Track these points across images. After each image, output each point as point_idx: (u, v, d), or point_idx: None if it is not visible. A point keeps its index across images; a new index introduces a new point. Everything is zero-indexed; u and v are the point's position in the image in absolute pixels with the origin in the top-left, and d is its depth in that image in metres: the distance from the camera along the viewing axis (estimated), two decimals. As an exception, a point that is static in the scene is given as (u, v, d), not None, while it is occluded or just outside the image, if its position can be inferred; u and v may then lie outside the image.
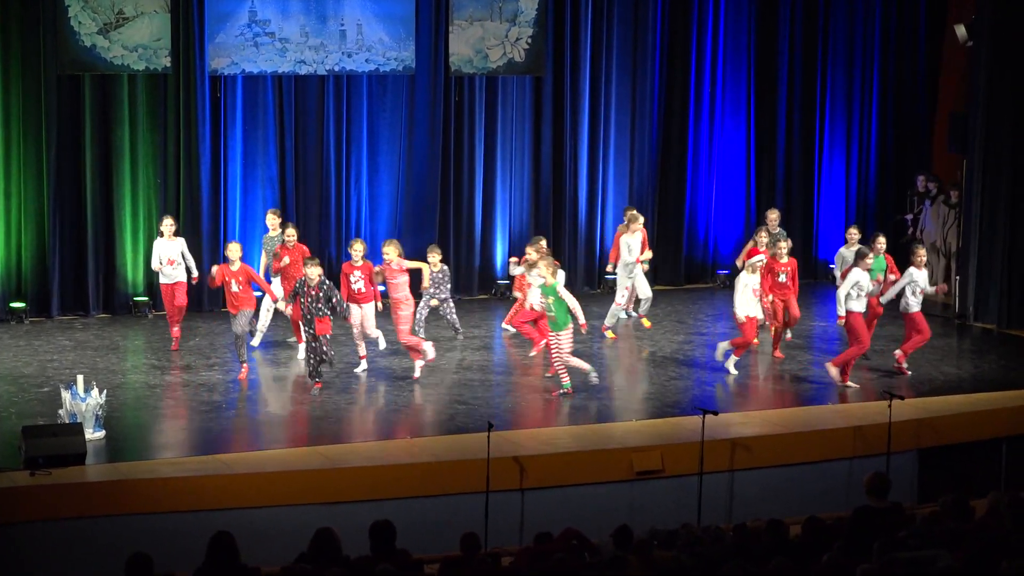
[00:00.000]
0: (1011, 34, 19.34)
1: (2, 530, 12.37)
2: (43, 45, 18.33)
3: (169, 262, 16.08)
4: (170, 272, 16.25)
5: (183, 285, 16.46)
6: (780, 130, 22.48)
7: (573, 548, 10.83)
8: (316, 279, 14.97)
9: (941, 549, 9.84)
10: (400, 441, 14.23)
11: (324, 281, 15.07)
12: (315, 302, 14.88)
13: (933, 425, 15.27)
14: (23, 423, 13.62)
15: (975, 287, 19.36)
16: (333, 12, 19.69)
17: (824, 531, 10.95)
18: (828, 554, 9.55)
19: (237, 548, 9.84)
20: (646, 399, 15.93)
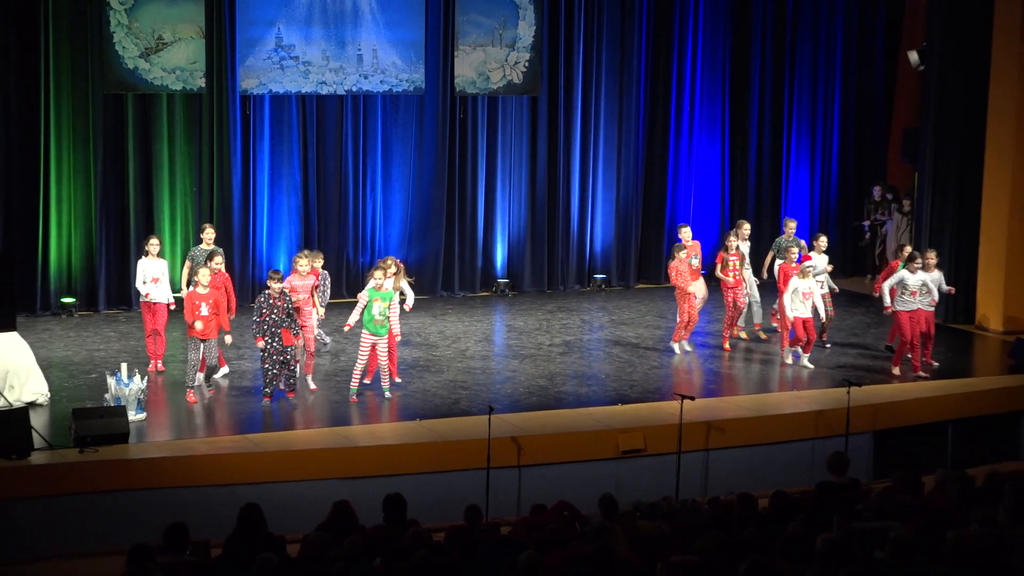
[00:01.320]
0: (956, 59, 19.40)
1: (54, 500, 12.45)
2: (91, 67, 18.33)
3: (153, 280, 15.44)
4: (153, 290, 15.44)
5: (163, 306, 15.53)
6: (751, 144, 22.47)
7: (565, 519, 10.86)
8: (278, 293, 14.43)
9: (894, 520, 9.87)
10: (410, 423, 14.26)
11: (286, 295, 14.52)
12: (280, 314, 14.34)
13: (886, 410, 15.33)
14: (73, 406, 13.67)
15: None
16: (351, 38, 19.71)
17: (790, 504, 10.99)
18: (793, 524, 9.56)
19: (264, 518, 9.88)
20: (631, 386, 15.94)
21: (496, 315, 19.78)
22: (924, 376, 16.35)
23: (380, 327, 14.61)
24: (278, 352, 14.37)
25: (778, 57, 22.38)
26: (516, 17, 20.69)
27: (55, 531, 12.38)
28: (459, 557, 9.54)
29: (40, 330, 17.29)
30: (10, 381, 13.88)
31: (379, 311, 14.58)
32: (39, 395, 14.31)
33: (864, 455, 14.74)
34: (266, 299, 14.43)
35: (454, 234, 20.75)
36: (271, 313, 14.35)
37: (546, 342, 17.98)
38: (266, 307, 14.36)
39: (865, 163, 23.04)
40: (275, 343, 14.35)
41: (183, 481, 12.71)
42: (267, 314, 14.35)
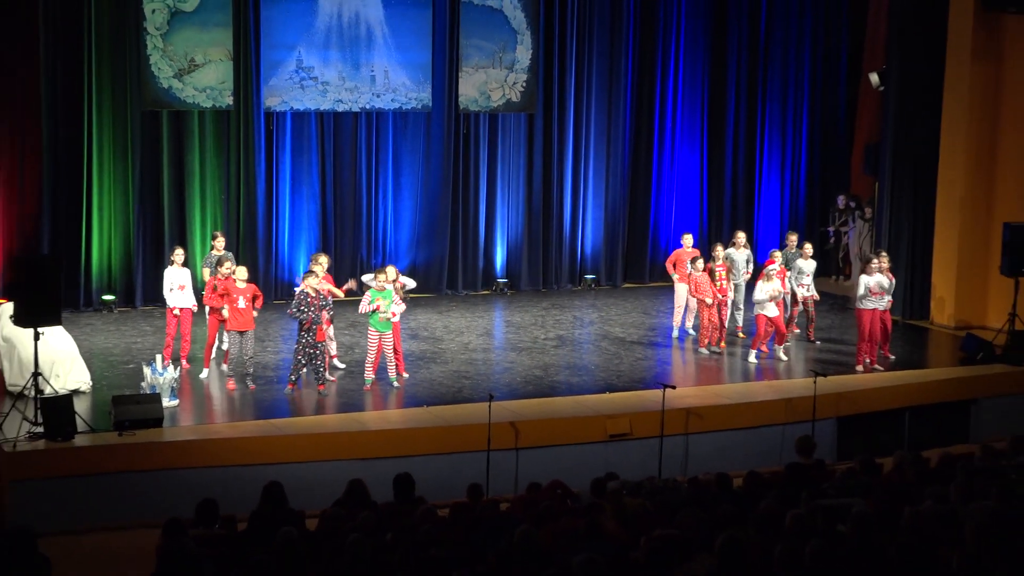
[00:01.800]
0: (913, 81, 19.43)
1: (96, 478, 12.47)
2: (129, 87, 18.32)
3: (179, 287, 15.38)
4: (180, 297, 15.39)
5: (188, 311, 15.46)
6: (727, 156, 22.48)
7: (558, 496, 10.87)
8: (314, 291, 14.38)
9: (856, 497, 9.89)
10: (417, 409, 14.26)
11: (320, 293, 14.45)
12: (316, 311, 14.28)
13: (849, 398, 15.34)
14: (113, 393, 13.71)
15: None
16: (365, 60, 19.72)
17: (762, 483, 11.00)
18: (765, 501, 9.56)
19: (285, 495, 9.90)
20: (619, 375, 15.95)
21: (496, 312, 19.79)
22: (881, 368, 16.38)
23: (384, 324, 14.65)
24: (311, 345, 14.37)
25: (751, 77, 22.39)
26: (514, 42, 20.71)
27: (97, 506, 12.40)
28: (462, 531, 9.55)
29: (83, 324, 17.28)
30: (56, 370, 13.90)
31: (384, 310, 14.63)
32: (82, 383, 14.34)
33: (829, 439, 14.75)
34: (304, 297, 14.38)
35: (458, 238, 20.74)
36: (308, 310, 14.31)
37: (541, 336, 17.99)
38: (304, 304, 14.32)
39: (830, 174, 23.04)
40: (309, 337, 14.35)
41: (212, 461, 12.73)
42: (305, 311, 14.30)
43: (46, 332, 13.35)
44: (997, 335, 17.44)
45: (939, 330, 19.09)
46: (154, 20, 18.52)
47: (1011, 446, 12.32)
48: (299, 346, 14.39)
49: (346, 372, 15.49)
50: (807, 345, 17.55)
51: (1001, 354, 17.04)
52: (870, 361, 16.35)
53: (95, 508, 12.37)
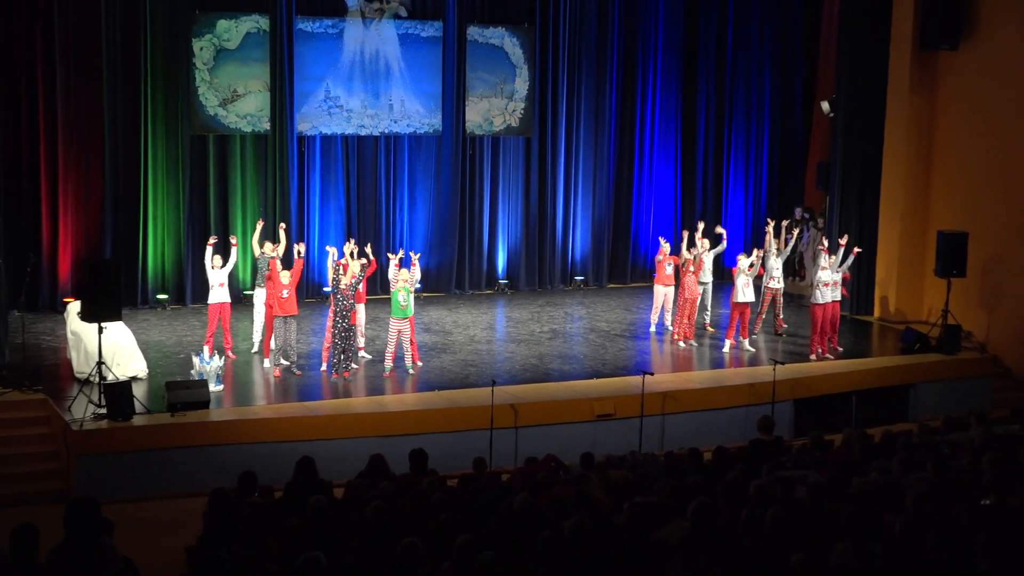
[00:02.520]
0: (859, 109, 19.45)
1: (150, 453, 12.50)
2: (180, 114, 18.32)
3: (220, 285, 15.29)
4: (219, 294, 15.26)
5: (228, 304, 15.37)
6: (698, 173, 22.44)
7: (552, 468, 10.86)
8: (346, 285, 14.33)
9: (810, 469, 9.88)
10: (429, 393, 14.27)
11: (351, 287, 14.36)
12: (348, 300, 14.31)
13: (804, 383, 15.36)
14: (166, 379, 13.71)
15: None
16: (384, 91, 19.72)
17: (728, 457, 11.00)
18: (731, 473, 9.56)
19: (316, 468, 9.90)
20: (604, 363, 15.94)
21: (497, 308, 19.78)
22: (831, 357, 16.37)
23: (405, 311, 14.66)
24: (345, 329, 14.35)
25: (719, 104, 22.36)
26: (514, 75, 20.70)
27: (152, 477, 12.44)
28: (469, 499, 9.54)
29: (140, 320, 17.27)
30: (116, 360, 13.91)
31: (403, 298, 14.65)
32: (139, 371, 14.35)
33: (786, 419, 14.78)
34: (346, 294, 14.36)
35: (464, 244, 20.71)
36: (343, 300, 14.30)
37: (537, 330, 17.98)
38: (340, 296, 14.30)
39: (788, 188, 23.02)
40: (344, 322, 14.33)
41: (252, 438, 12.75)
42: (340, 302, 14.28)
43: (108, 327, 13.36)
44: (932, 328, 17.45)
45: (881, 324, 19.11)
46: (202, 56, 18.54)
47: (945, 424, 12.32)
48: (335, 331, 14.37)
49: (368, 361, 15.47)
50: (768, 338, 17.53)
51: (935, 345, 17.07)
52: (822, 351, 16.37)
53: (150, 479, 12.42)
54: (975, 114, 18.45)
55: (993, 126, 18.15)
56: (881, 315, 19.43)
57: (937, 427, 12.36)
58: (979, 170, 18.38)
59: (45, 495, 12.16)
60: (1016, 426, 12.05)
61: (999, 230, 17.93)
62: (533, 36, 20.67)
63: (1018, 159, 17.75)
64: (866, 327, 18.91)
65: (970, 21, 18.41)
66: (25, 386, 13.89)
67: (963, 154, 18.69)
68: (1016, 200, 17.76)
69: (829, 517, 7.90)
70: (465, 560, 7.03)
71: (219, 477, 10.99)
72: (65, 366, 14.69)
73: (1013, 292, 17.82)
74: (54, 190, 17.91)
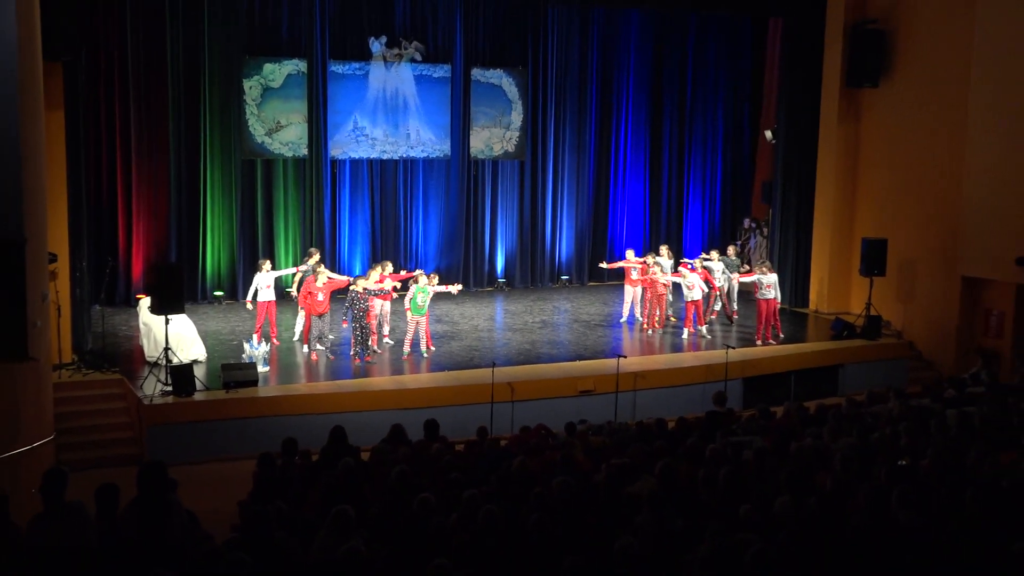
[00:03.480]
0: (796, 137, 19.45)
1: (210, 423, 12.50)
2: (233, 142, 18.28)
3: (267, 287, 15.11)
4: (266, 293, 15.07)
5: (273, 303, 15.16)
6: (663, 190, 22.39)
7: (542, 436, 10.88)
8: (361, 289, 14.41)
9: (756, 436, 9.90)
10: (440, 372, 14.24)
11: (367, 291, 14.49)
12: (363, 304, 14.39)
13: (751, 364, 15.37)
14: (221, 362, 13.69)
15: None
16: (402, 122, 19.67)
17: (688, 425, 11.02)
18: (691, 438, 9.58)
19: (346, 435, 9.90)
20: (585, 348, 15.92)
21: (497, 303, 19.75)
22: (773, 342, 16.37)
23: (421, 310, 14.71)
24: (363, 327, 14.42)
25: (680, 133, 22.31)
26: (510, 109, 20.66)
27: (210, 444, 12.42)
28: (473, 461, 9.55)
29: (200, 313, 17.22)
30: (181, 345, 13.89)
31: (421, 300, 14.67)
32: (199, 355, 14.32)
33: (737, 394, 14.76)
34: (355, 295, 14.39)
35: (469, 249, 20.66)
36: (358, 302, 14.34)
37: (530, 320, 17.96)
38: (357, 300, 14.35)
39: (738, 202, 22.99)
40: (362, 321, 14.38)
41: (293, 411, 12.73)
42: (356, 304, 14.35)
43: (173, 318, 13.36)
44: (857, 318, 17.46)
45: (815, 315, 19.10)
46: (251, 94, 18.49)
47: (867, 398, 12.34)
48: (356, 327, 14.44)
49: (390, 346, 15.46)
50: (722, 326, 17.53)
51: (860, 332, 17.08)
52: (767, 336, 16.37)
53: (208, 445, 12.40)
54: (892, 140, 18.47)
55: (907, 151, 18.17)
56: (815, 308, 19.43)
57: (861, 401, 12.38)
58: (895, 187, 18.40)
59: (122, 459, 12.14)
60: (927, 400, 12.06)
61: (912, 237, 17.95)
62: (526, 77, 20.62)
63: (927, 178, 17.77)
64: (803, 318, 18.91)
65: (888, 63, 18.43)
66: (105, 368, 13.91)
67: (882, 174, 18.71)
68: (925, 212, 17.78)
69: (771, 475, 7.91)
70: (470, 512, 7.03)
71: (265, 443, 10.99)
72: (137, 351, 14.66)
73: (924, 289, 17.84)
74: (128, 205, 17.89)
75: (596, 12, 20.98)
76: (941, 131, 17.43)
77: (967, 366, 16.47)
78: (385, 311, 15.37)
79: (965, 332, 17.22)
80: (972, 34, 16.67)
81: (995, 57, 16.32)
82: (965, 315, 17.21)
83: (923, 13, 17.81)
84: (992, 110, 16.38)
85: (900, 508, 6.66)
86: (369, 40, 19.24)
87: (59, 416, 12.03)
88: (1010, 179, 16.10)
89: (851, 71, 18.64)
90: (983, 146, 16.56)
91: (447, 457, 9.22)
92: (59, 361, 13.67)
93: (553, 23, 20.72)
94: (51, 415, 11.47)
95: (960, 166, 16.97)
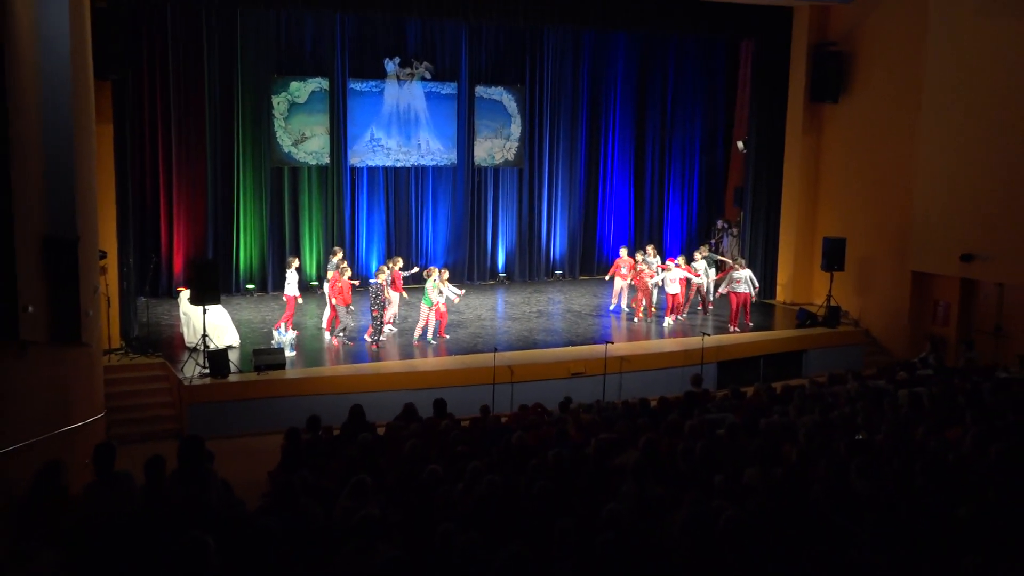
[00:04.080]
0: (764, 147, 19.43)
1: (241, 402, 12.50)
2: (263, 152, 18.26)
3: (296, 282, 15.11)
4: (294, 288, 15.02)
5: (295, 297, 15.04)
6: (646, 194, 22.34)
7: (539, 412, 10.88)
8: (381, 282, 14.42)
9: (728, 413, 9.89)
10: (449, 357, 14.24)
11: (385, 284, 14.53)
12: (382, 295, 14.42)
13: (725, 349, 15.38)
14: (253, 347, 13.68)
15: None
16: (413, 134, 19.62)
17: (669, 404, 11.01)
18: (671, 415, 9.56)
19: (364, 413, 9.90)
20: (576, 335, 15.92)
21: (498, 295, 19.74)
22: (738, 330, 16.35)
23: (431, 302, 14.71)
24: (379, 317, 14.43)
25: (662, 142, 22.26)
26: (510, 123, 20.61)
27: (242, 420, 12.43)
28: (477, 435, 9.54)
29: (234, 304, 17.23)
30: (217, 333, 13.90)
31: (434, 293, 14.70)
32: (233, 341, 14.33)
33: (712, 376, 14.79)
34: (376, 287, 14.42)
35: (473, 247, 20.63)
36: (379, 293, 14.38)
37: (527, 310, 17.96)
38: (377, 292, 14.39)
39: (713, 206, 22.95)
40: (378, 311, 14.41)
41: (317, 391, 12.75)
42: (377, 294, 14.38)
43: (210, 309, 13.36)
44: (819, 309, 17.47)
45: (782, 306, 19.10)
46: (279, 108, 18.46)
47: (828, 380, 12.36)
48: (374, 315, 14.47)
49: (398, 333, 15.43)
50: (700, 315, 17.51)
51: (822, 321, 17.09)
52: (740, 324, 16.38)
53: (241, 421, 12.42)
54: (850, 151, 18.46)
55: (863, 160, 18.17)
56: (782, 299, 19.44)
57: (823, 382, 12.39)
58: (853, 192, 18.39)
59: (165, 433, 12.18)
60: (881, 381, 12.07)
61: (868, 236, 17.95)
62: (524, 93, 20.57)
63: (881, 184, 17.76)
64: (770, 308, 18.91)
65: (847, 82, 18.42)
66: (149, 353, 13.91)
67: (841, 180, 18.70)
68: (880, 214, 17.77)
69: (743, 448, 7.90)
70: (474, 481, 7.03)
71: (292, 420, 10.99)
72: (178, 338, 14.67)
73: (879, 282, 17.84)
74: (170, 208, 17.88)
75: (587, 35, 20.93)
76: (894, 142, 17.43)
77: (917, 351, 16.49)
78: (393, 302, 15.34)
79: (915, 321, 17.24)
80: (922, 56, 16.65)
81: (943, 77, 16.30)
82: (915, 306, 17.23)
83: (878, 37, 17.79)
84: (939, 124, 16.38)
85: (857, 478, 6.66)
86: (384, 61, 19.20)
87: (108, 395, 12.04)
88: (955, 185, 16.10)
89: (814, 88, 18.63)
90: (931, 156, 16.56)
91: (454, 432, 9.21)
92: (108, 347, 13.68)
93: (548, 45, 20.66)
94: (102, 395, 11.48)
95: (911, 173, 16.97)
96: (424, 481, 7.09)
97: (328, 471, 8.21)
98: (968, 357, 14.96)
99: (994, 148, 15.42)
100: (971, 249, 15.77)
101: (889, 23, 17.55)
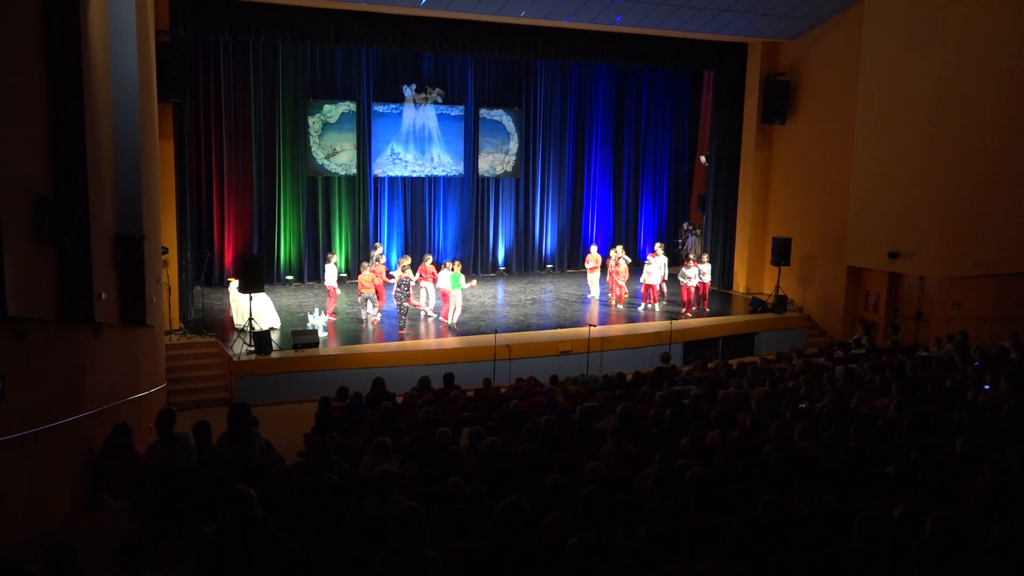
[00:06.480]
0: (723, 161, 19.30)
1: (282, 375, 12.46)
2: (300, 163, 18.16)
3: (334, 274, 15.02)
4: (332, 280, 14.96)
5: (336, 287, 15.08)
6: (623, 200, 22.24)
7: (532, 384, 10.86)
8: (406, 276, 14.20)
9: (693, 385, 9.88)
10: (456, 338, 14.16)
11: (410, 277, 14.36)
12: (406, 287, 14.25)
13: (690, 332, 15.31)
14: (292, 328, 13.64)
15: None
16: (427, 149, 19.54)
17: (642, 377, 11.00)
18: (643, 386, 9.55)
19: (385, 384, 9.89)
20: (565, 319, 15.87)
21: (499, 285, 19.66)
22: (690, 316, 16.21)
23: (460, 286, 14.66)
24: (402, 305, 14.26)
25: (637, 156, 22.15)
26: (509, 139, 20.52)
27: (282, 389, 12.41)
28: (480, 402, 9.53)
29: (276, 292, 17.14)
30: (261, 317, 13.84)
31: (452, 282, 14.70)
32: (275, 324, 14.25)
33: (679, 353, 14.77)
34: (404, 281, 14.24)
35: (477, 244, 20.54)
36: (405, 285, 14.23)
37: (523, 298, 17.89)
38: (404, 284, 14.23)
39: (680, 210, 22.88)
40: (404, 301, 14.25)
41: (345, 366, 12.71)
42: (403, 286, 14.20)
43: (256, 296, 13.32)
44: (769, 298, 17.44)
45: (737, 295, 19.06)
46: (314, 127, 18.37)
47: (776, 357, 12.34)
48: (399, 303, 14.36)
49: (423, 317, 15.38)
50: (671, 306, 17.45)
51: (771, 308, 17.05)
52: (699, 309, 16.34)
53: (281, 390, 12.40)
54: (795, 164, 18.41)
55: (806, 172, 18.12)
56: (737, 289, 19.40)
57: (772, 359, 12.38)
58: (797, 200, 18.35)
59: (217, 401, 12.18)
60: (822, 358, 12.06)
61: (810, 236, 17.92)
62: (521, 115, 20.47)
63: (821, 192, 17.72)
64: (728, 297, 18.85)
65: (793, 106, 18.36)
66: (204, 333, 13.87)
67: (788, 190, 18.65)
68: (820, 218, 17.73)
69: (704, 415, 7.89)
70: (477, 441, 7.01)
71: (324, 389, 11.00)
72: (228, 321, 14.62)
73: (819, 275, 17.82)
74: (221, 211, 17.79)
75: (573, 66, 20.84)
76: (832, 157, 17.39)
77: (851, 333, 16.49)
78: (430, 292, 15.23)
79: (850, 308, 17.22)
80: (856, 84, 16.62)
81: (873, 102, 16.27)
82: (850, 295, 17.21)
83: (820, 68, 17.74)
84: (870, 142, 16.36)
85: (801, 439, 6.66)
86: (403, 87, 19.11)
87: (169, 369, 12.03)
88: (884, 194, 16.09)
89: (765, 111, 18.56)
90: (863, 168, 16.54)
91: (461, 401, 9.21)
92: (169, 328, 13.68)
93: (541, 75, 20.56)
94: (163, 368, 11.47)
95: (846, 184, 16.95)
96: (436, 441, 7.09)
97: (355, 433, 8.21)
98: (894, 339, 14.97)
99: (915, 163, 15.42)
100: (897, 247, 15.77)
101: (829, 56, 17.50)
